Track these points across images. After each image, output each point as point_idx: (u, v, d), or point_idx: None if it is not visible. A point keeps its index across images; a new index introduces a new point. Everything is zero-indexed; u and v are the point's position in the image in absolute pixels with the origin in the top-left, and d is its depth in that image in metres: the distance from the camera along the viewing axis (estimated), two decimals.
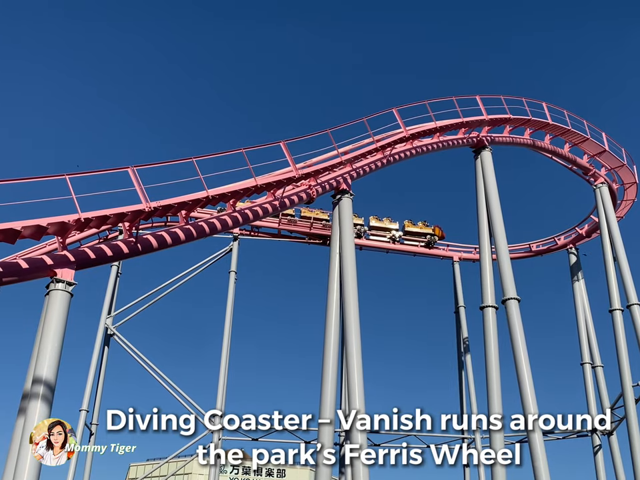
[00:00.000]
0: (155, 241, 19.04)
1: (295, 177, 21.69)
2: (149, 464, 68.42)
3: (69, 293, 16.63)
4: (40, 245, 28.51)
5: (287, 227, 35.11)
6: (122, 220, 18.12)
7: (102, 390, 32.53)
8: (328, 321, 22.42)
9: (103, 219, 17.38)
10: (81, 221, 16.70)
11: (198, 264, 33.84)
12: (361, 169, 24.89)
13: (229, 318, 32.50)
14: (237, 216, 21.17)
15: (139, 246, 18.57)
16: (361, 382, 20.74)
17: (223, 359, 31.43)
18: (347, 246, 22.93)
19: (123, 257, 18.64)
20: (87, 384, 30.70)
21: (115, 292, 33.92)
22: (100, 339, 32.19)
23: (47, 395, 15.39)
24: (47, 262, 16.68)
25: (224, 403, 30.61)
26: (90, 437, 31.39)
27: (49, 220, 16.28)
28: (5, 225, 15.60)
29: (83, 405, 30.07)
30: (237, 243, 34.34)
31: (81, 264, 17.21)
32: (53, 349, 15.81)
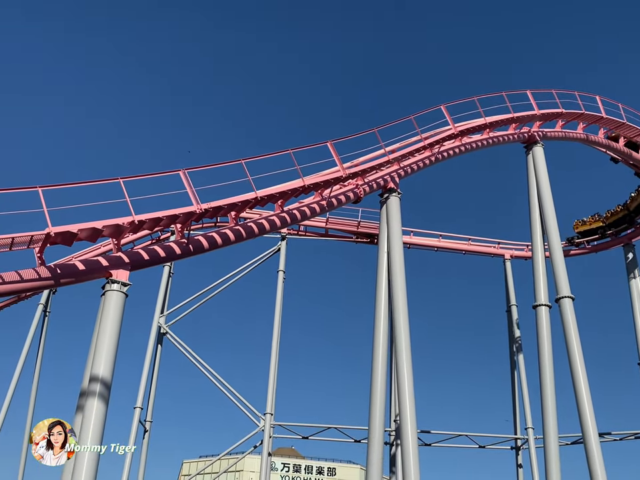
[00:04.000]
0: (206, 242, 19.34)
1: (342, 176, 21.70)
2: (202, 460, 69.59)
3: (124, 293, 17.05)
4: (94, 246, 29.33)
5: (334, 225, 35.13)
6: (174, 221, 18.47)
7: (155, 387, 33.23)
8: (377, 319, 22.39)
9: (155, 220, 17.75)
10: (135, 223, 17.11)
11: (247, 263, 34.17)
12: (409, 167, 24.71)
13: (278, 316, 32.73)
14: (285, 216, 21.32)
15: (190, 247, 18.90)
16: (410, 380, 20.64)
17: (273, 357, 31.68)
18: (395, 245, 22.83)
19: (175, 257, 18.98)
20: (141, 382, 31.34)
21: (168, 292, 34.55)
22: (153, 337, 32.84)
23: (103, 392, 15.80)
24: (102, 263, 17.14)
25: (274, 400, 30.86)
26: (144, 434, 32.10)
27: (104, 222, 16.72)
28: (62, 228, 16.10)
29: (137, 403, 30.70)
30: (285, 243, 34.54)
31: (135, 265, 17.63)
32: (109, 348, 16.24)
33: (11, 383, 32.21)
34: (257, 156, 20.64)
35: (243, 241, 20.53)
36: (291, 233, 34.89)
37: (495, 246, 38.27)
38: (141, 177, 18.15)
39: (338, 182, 22.13)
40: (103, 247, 30.03)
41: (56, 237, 15.98)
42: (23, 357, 32.93)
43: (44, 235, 15.83)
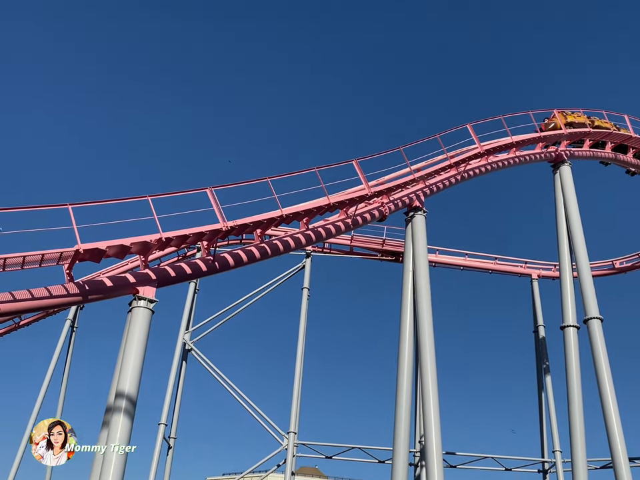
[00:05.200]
0: (232, 259, 19.46)
1: (367, 194, 21.73)
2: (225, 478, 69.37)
3: (151, 310, 17.20)
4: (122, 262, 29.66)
5: (359, 243, 35.11)
6: (200, 239, 18.64)
7: (180, 404, 33.30)
8: (402, 337, 22.24)
9: (182, 238, 17.92)
10: (162, 241, 17.30)
11: (272, 280, 34.22)
12: (435, 186, 24.65)
13: (302, 334, 32.67)
14: (310, 234, 21.38)
15: (216, 264, 19.03)
16: (436, 400, 20.41)
17: (297, 375, 31.57)
18: (421, 263, 22.72)
19: (202, 274, 19.11)
20: (166, 398, 31.43)
21: (193, 308, 34.73)
22: (178, 354, 32.98)
23: (128, 408, 15.89)
24: (130, 280, 17.33)
25: (298, 419, 30.71)
26: (168, 450, 32.13)
27: (132, 240, 16.94)
28: (91, 244, 16.34)
29: (161, 419, 30.78)
30: (310, 260, 34.55)
31: (161, 282, 17.79)
32: (135, 364, 16.35)
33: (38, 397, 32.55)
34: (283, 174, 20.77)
35: (268, 259, 20.63)
36: (315, 250, 34.93)
37: (522, 265, 37.87)
38: (168, 195, 18.39)
39: (363, 200, 22.17)
40: (130, 263, 30.36)
41: (85, 253, 16.20)
42: (50, 372, 33.30)
43: (73, 252, 16.08)
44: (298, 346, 32.33)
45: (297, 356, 32.08)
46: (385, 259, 35.41)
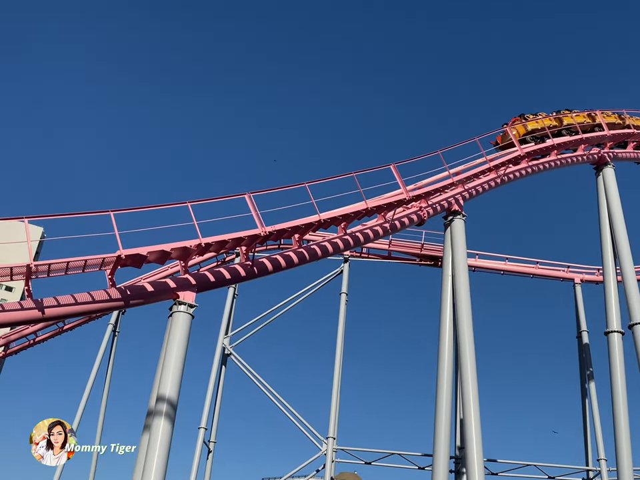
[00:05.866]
0: (270, 265, 19.55)
1: (405, 199, 21.60)
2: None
3: (191, 314, 17.39)
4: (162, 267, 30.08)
5: (397, 248, 34.91)
6: (239, 244, 18.78)
7: (219, 408, 33.54)
8: (441, 343, 22.01)
9: (222, 243, 18.10)
10: (201, 246, 17.49)
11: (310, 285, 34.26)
12: (474, 190, 24.36)
13: (341, 339, 32.61)
14: (348, 239, 21.34)
15: (255, 269, 19.14)
16: (477, 406, 20.13)
17: (335, 380, 31.53)
18: (460, 268, 22.46)
19: (240, 279, 19.26)
20: (206, 402, 31.69)
21: (232, 313, 34.98)
22: (218, 358, 33.24)
23: (169, 412, 16.06)
24: (170, 285, 17.56)
25: (337, 424, 30.64)
26: (208, 454, 32.37)
27: (172, 245, 17.17)
28: (132, 250, 16.62)
29: (201, 423, 31.04)
30: (348, 265, 34.50)
31: (201, 287, 17.97)
32: (176, 368, 16.53)
33: (81, 400, 33.21)
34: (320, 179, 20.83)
35: (306, 263, 20.66)
36: (353, 255, 34.85)
37: (565, 270, 37.11)
38: (207, 201, 18.61)
39: (401, 204, 22.04)
40: (170, 268, 30.77)
41: (126, 259, 16.49)
42: (92, 375, 33.95)
43: (115, 258, 16.38)
44: (336, 351, 32.28)
45: (336, 361, 32.04)
46: (423, 263, 35.13)
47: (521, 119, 28.59)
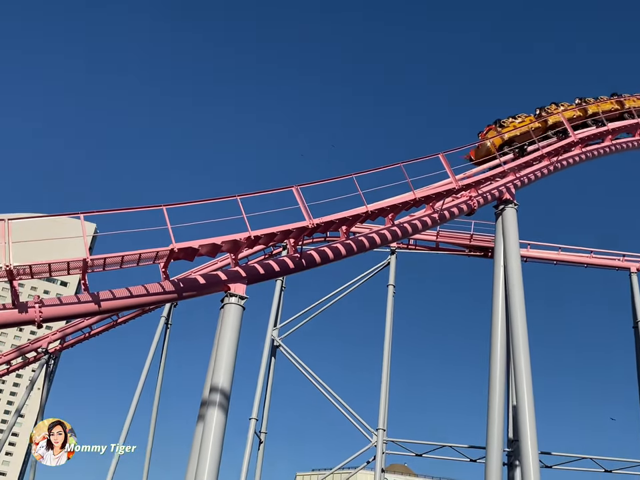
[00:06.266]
0: (318, 256, 19.60)
1: (454, 188, 21.30)
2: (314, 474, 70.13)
3: (242, 306, 17.62)
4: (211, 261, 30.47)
5: (445, 239, 34.47)
6: (287, 236, 18.88)
7: (270, 400, 33.84)
8: (493, 334, 21.68)
9: (270, 236, 18.23)
10: (251, 239, 17.66)
11: (357, 277, 34.16)
12: (526, 177, 23.84)
13: (389, 330, 32.44)
14: (396, 230, 21.20)
15: (303, 261, 19.23)
16: (531, 398, 19.78)
17: (384, 371, 31.41)
18: (512, 258, 22.05)
19: (289, 272, 19.38)
20: (256, 393, 31.98)
21: (280, 305, 35.18)
22: (267, 350, 33.51)
23: (223, 402, 16.31)
24: (221, 277, 17.82)
25: (386, 416, 30.56)
26: (259, 445, 32.73)
27: (222, 238, 17.39)
28: (185, 244, 16.90)
29: (252, 414, 31.36)
30: (395, 257, 34.26)
31: (251, 279, 18.18)
32: (228, 359, 16.78)
33: (136, 391, 33.95)
34: (367, 170, 20.74)
35: (354, 255, 20.63)
36: (400, 247, 34.57)
37: (620, 258, 35.99)
38: (256, 194, 18.76)
39: (450, 194, 21.75)
40: (219, 262, 31.13)
41: (179, 252, 16.78)
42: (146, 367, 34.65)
43: (168, 251, 16.69)
44: (385, 342, 32.15)
45: (384, 352, 31.91)
46: (472, 254, 34.58)
47: (495, 126, 25.88)
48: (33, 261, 15.79)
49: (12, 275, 15.31)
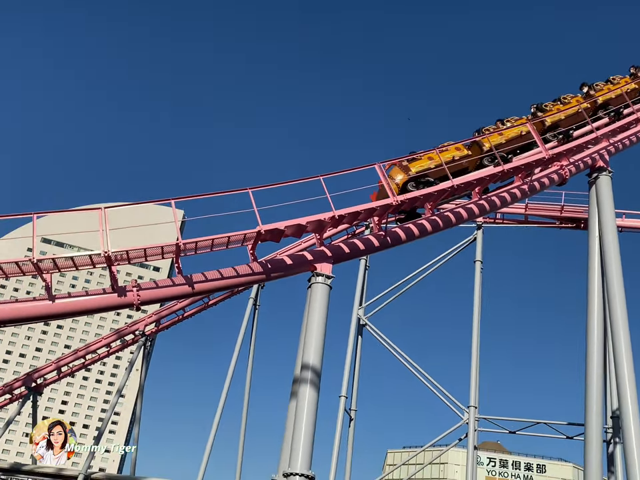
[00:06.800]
0: (403, 234, 19.42)
1: (544, 158, 20.47)
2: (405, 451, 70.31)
3: (328, 285, 17.74)
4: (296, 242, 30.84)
5: (534, 211, 33.33)
6: (371, 215, 18.79)
7: (358, 378, 34.10)
8: (590, 308, 20.87)
9: (354, 215, 18.20)
10: (335, 218, 17.70)
11: (442, 254, 33.66)
12: (621, 143, 22.62)
13: (477, 306, 31.85)
14: (484, 204, 20.66)
15: (388, 239, 19.11)
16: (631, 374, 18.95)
17: (474, 347, 30.91)
18: (608, 229, 21.06)
19: (374, 250, 19.32)
20: (344, 371, 32.27)
21: (365, 284, 35.23)
22: (353, 329, 33.69)
23: (314, 380, 16.53)
24: (307, 257, 18.00)
25: (478, 393, 30.14)
26: (350, 422, 33.10)
27: (307, 219, 17.52)
28: (271, 225, 17.15)
29: (342, 392, 31.70)
30: (481, 232, 33.48)
31: (337, 258, 18.26)
32: (318, 337, 16.97)
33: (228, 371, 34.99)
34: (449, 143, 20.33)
35: (440, 231, 20.30)
36: (487, 221, 33.74)
37: None
38: (338, 174, 18.78)
39: (540, 164, 20.95)
40: (303, 243, 31.44)
41: (266, 234, 17.06)
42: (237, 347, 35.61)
43: (255, 233, 17.00)
44: (474, 318, 31.59)
45: (473, 328, 31.37)
46: (563, 226, 33.28)
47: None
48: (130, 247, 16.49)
49: (110, 261, 16.06)
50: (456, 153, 20.76)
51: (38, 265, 15.62)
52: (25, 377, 39.55)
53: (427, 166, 20.33)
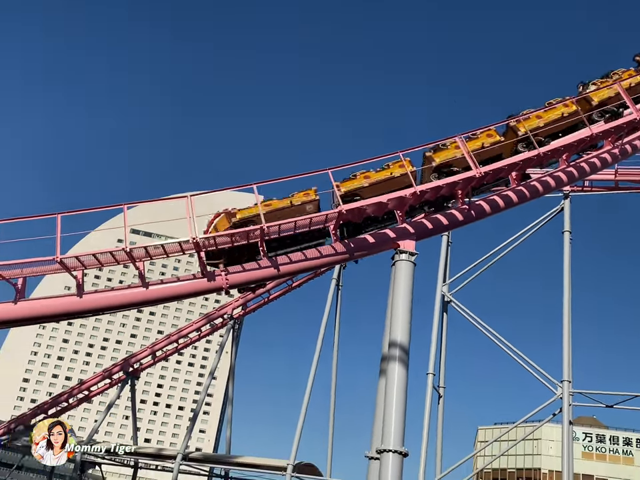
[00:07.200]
0: (488, 206, 18.99)
1: (636, 119, 19.40)
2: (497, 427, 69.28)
3: (412, 262, 17.60)
4: None
5: (625, 177, 31.72)
6: (454, 188, 18.43)
7: (445, 355, 33.73)
8: None
9: (436, 189, 17.92)
10: (417, 194, 17.49)
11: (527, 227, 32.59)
12: None
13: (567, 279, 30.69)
14: (572, 171, 19.88)
15: (472, 212, 18.73)
16: None
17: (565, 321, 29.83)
18: None
19: (458, 224, 18.98)
20: (431, 348, 32.00)
21: (448, 260, 34.65)
22: (438, 307, 33.29)
23: (402, 357, 16.51)
24: (390, 235, 17.91)
25: (571, 366, 29.19)
26: (439, 400, 32.85)
27: (388, 196, 17.41)
28: (352, 205, 17.14)
29: (429, 369, 31.47)
30: (569, 201, 32.16)
31: (420, 235, 18.09)
32: (404, 315, 16.90)
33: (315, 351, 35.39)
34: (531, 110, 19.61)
35: (526, 202, 19.72)
36: (574, 189, 32.36)
37: None
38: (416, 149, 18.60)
39: (632, 126, 19.86)
40: None
41: (347, 214, 17.08)
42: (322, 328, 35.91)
43: (337, 213, 17.05)
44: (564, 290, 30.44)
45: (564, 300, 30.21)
46: None
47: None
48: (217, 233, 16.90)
49: (199, 247, 16.54)
50: None
51: (131, 253, 16.27)
52: (123, 363, 41.56)
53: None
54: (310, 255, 17.16)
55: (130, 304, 17.19)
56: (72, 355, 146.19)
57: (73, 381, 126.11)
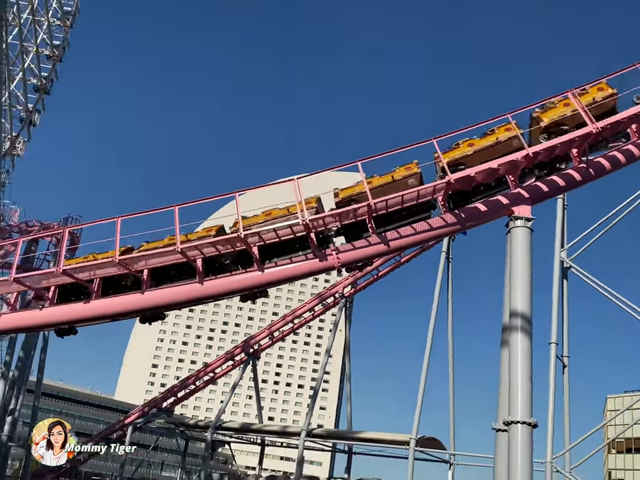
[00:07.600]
0: (608, 163, 17.89)
1: None
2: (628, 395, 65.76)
3: (529, 228, 16.87)
4: None
5: None
6: (570, 147, 17.46)
7: (568, 323, 32.31)
8: None
9: (550, 150, 17.06)
10: (529, 156, 16.71)
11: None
12: None
13: None
14: None
15: (591, 171, 17.71)
16: None
17: None
18: None
19: (576, 184, 18.00)
20: (552, 317, 30.71)
21: (564, 224, 33.03)
22: (557, 273, 31.85)
23: (525, 326, 15.92)
24: (503, 202, 17.25)
25: None
26: (563, 369, 31.56)
27: (499, 161, 16.76)
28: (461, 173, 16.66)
29: (551, 338, 30.26)
30: None
31: (535, 199, 17.32)
32: (524, 283, 16.24)
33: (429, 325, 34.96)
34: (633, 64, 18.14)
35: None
36: None
37: None
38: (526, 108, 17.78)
39: None
40: None
41: (456, 183, 16.62)
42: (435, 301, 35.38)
43: (445, 184, 16.63)
44: None
45: None
46: None
47: None
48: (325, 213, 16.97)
49: (309, 228, 16.69)
50: None
51: (246, 239, 16.69)
52: (243, 344, 43.15)
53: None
54: (419, 229, 16.86)
55: (248, 287, 17.66)
56: (195, 339, 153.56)
57: (197, 364, 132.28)
